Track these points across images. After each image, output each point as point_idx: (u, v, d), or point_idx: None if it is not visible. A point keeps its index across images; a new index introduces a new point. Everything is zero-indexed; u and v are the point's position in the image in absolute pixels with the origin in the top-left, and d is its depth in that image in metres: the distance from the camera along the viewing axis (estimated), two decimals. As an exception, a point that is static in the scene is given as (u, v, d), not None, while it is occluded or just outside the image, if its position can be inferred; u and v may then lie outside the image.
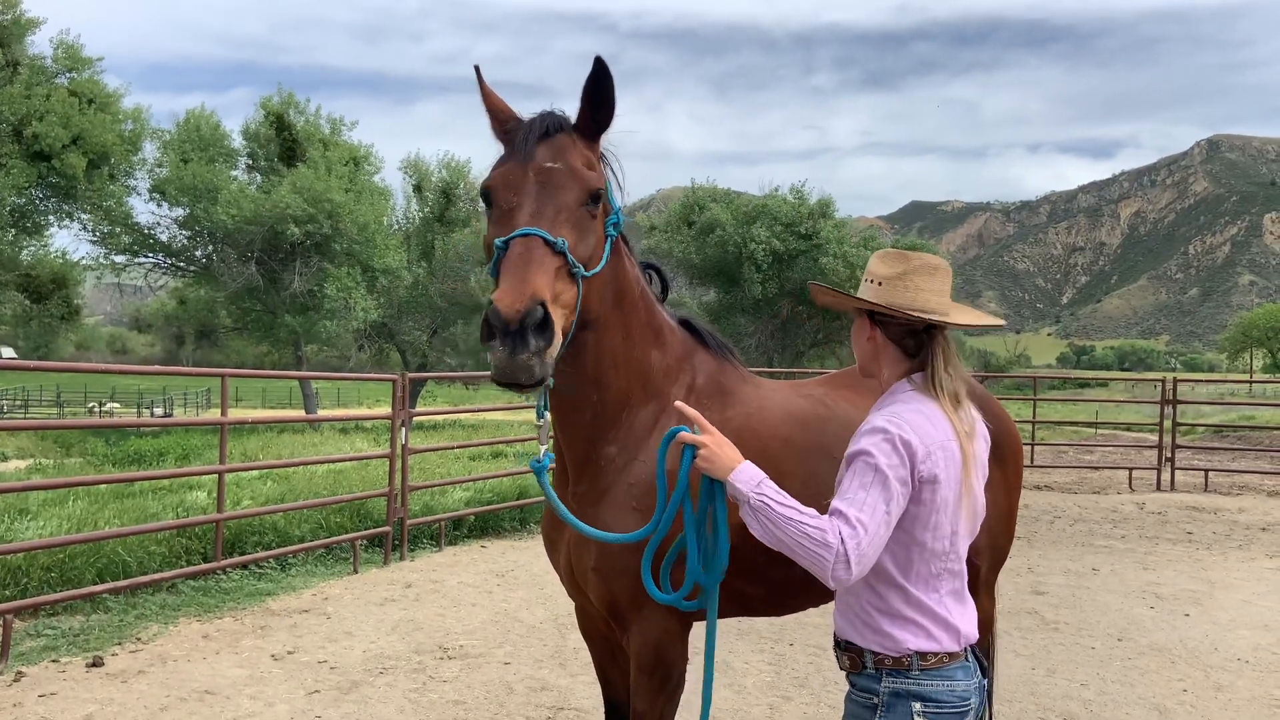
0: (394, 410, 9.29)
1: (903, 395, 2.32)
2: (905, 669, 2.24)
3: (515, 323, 2.19)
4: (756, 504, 2.17)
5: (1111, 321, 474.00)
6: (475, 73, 2.69)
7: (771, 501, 2.16)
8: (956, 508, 2.25)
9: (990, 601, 3.95)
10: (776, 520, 2.14)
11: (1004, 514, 3.79)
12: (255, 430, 24.07)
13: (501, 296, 2.23)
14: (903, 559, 2.25)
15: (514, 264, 2.31)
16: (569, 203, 2.47)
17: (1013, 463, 3.84)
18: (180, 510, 9.18)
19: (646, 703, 2.94)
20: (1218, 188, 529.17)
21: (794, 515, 2.14)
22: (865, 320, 2.41)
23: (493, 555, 9.45)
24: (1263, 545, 10.47)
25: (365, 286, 32.83)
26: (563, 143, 2.56)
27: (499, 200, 2.51)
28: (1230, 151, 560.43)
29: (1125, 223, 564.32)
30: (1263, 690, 5.75)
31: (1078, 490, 14.71)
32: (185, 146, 32.11)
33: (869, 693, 2.28)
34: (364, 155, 35.31)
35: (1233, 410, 29.65)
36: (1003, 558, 3.95)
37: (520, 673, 5.91)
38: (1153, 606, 7.75)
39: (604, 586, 2.92)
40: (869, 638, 2.28)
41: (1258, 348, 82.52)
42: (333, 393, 63.05)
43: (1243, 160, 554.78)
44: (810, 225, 35.88)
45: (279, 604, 7.41)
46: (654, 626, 2.91)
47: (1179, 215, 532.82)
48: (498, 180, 2.54)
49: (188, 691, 5.46)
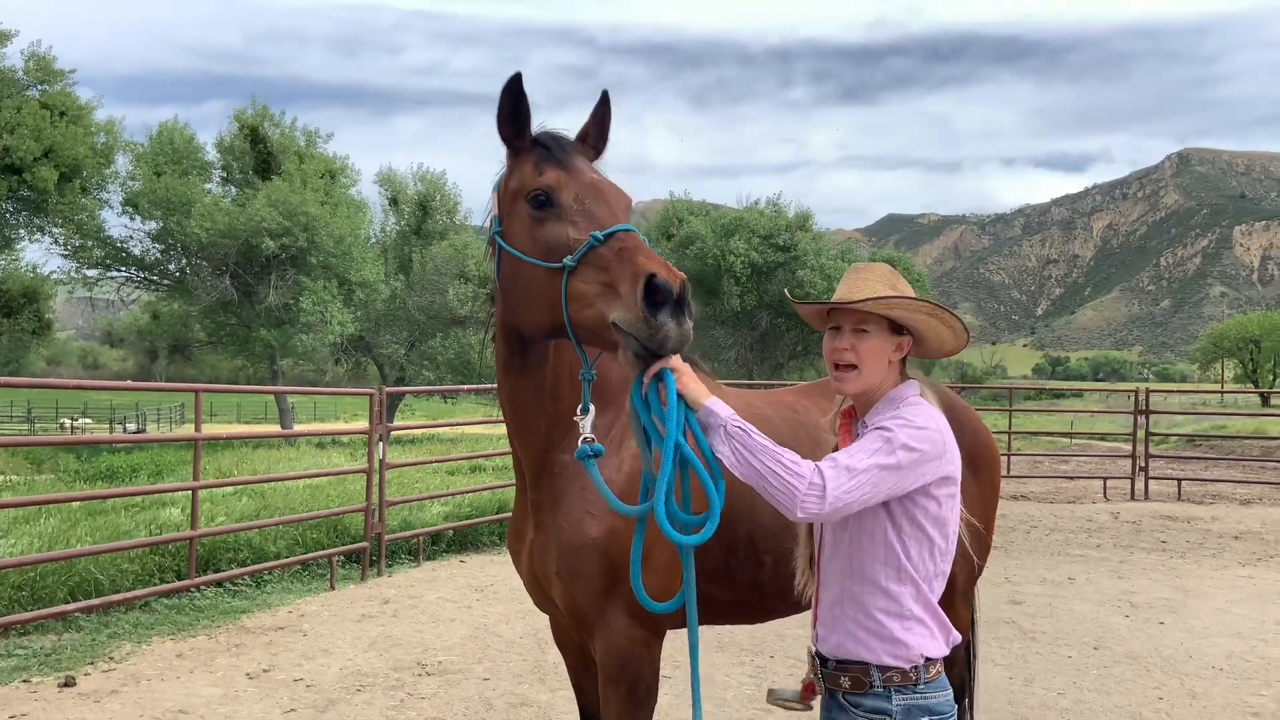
0: (371, 424, 9.24)
1: (914, 399, 2.36)
2: (914, 684, 2.26)
3: (679, 290, 2.27)
4: (733, 429, 2.20)
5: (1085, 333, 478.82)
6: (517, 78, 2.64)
7: (749, 429, 2.20)
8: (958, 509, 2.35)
9: (967, 610, 3.98)
10: (751, 446, 2.16)
11: (980, 521, 3.82)
12: (230, 446, 23.83)
13: (660, 268, 2.30)
14: (917, 554, 2.28)
15: (640, 250, 2.40)
16: (624, 210, 2.62)
17: (988, 473, 3.88)
18: (153, 527, 9.05)
19: (614, 713, 2.90)
20: (1188, 200, 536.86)
21: (770, 444, 2.17)
22: (895, 335, 2.39)
23: (471, 570, 9.39)
24: (1236, 553, 10.59)
25: (342, 300, 32.67)
26: (588, 159, 2.72)
27: (565, 200, 2.56)
28: (1200, 165, 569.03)
29: (1098, 235, 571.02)
30: (1237, 697, 5.80)
31: (1053, 500, 14.83)
32: (158, 159, 31.87)
33: (880, 713, 2.26)
34: (340, 168, 35.19)
35: (1205, 420, 29.99)
36: (981, 565, 3.98)
37: (499, 688, 5.87)
38: (1128, 615, 7.82)
39: (566, 591, 2.92)
40: (879, 649, 2.27)
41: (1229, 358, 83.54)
42: (309, 407, 62.56)
43: (1213, 173, 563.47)
44: (788, 238, 36.12)
45: (254, 621, 7.32)
46: (618, 633, 2.89)
47: (1150, 228, 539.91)
48: (557, 184, 2.59)
49: (161, 711, 5.39)
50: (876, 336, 2.35)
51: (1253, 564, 10.02)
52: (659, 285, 2.26)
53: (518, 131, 2.69)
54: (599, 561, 2.86)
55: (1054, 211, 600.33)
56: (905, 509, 2.27)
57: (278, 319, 31.79)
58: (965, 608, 3.95)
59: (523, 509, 3.13)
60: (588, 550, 2.84)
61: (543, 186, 2.59)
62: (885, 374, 2.38)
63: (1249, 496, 15.25)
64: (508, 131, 2.69)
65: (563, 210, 2.55)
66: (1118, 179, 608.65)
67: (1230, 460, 19.24)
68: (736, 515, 3.07)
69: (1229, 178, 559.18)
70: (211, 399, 65.52)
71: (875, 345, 2.34)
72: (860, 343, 2.35)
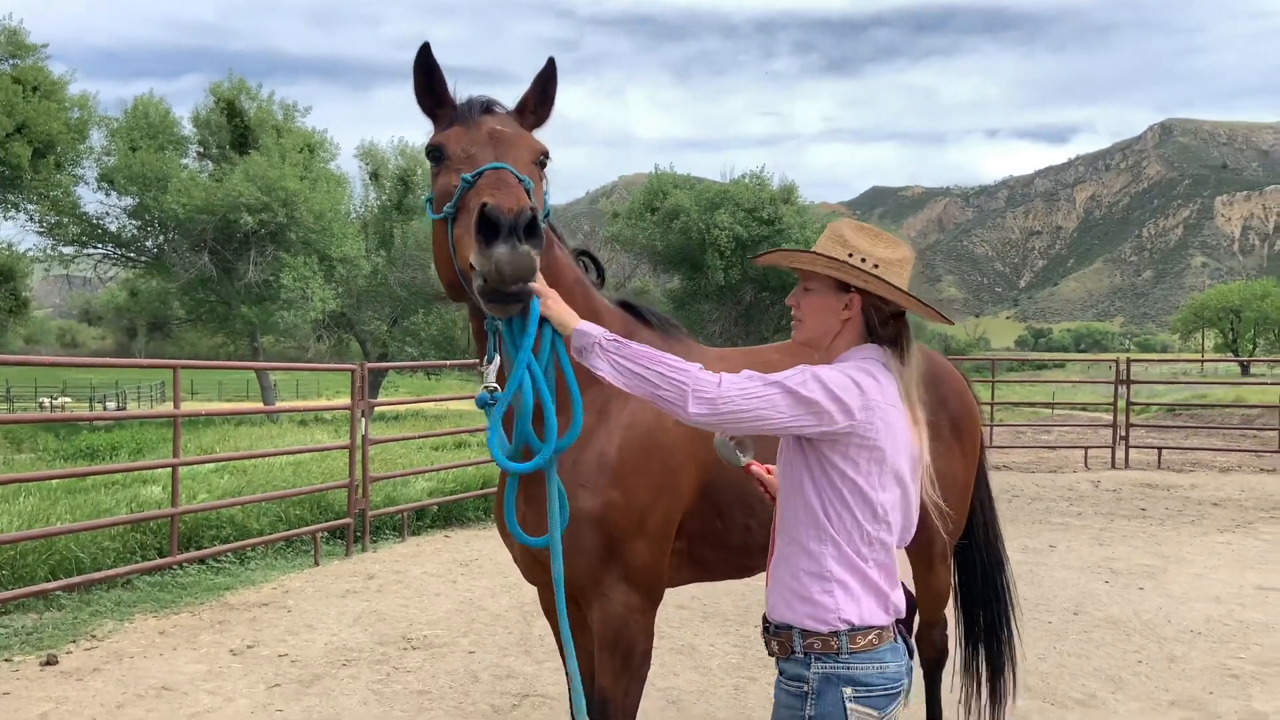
0: (353, 400, 9.19)
1: (860, 360, 2.29)
2: (834, 652, 2.19)
3: (514, 218, 2.19)
4: (608, 343, 2.20)
5: (1068, 304, 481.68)
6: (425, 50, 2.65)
7: (624, 340, 2.20)
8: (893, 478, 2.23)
9: (947, 572, 4.02)
10: (630, 354, 2.17)
11: (961, 486, 3.86)
12: (212, 423, 23.69)
13: (498, 198, 2.24)
14: (836, 515, 2.21)
15: (494, 183, 2.34)
16: (524, 158, 2.56)
17: (971, 439, 3.90)
18: (134, 505, 8.99)
19: (610, 679, 2.94)
20: (1170, 171, 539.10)
21: (651, 350, 2.18)
22: (851, 294, 2.31)
23: (456, 545, 9.39)
24: (1214, 520, 10.71)
25: (323, 276, 32.36)
26: (505, 117, 2.67)
27: (454, 151, 2.55)
28: (1182, 135, 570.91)
29: (1081, 207, 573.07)
30: (1214, 660, 5.88)
31: (1035, 469, 14.95)
32: (134, 134, 31.37)
33: (798, 680, 2.22)
34: (319, 142, 34.75)
35: (1185, 389, 30.27)
36: (959, 529, 4.02)
37: (485, 661, 5.88)
38: (1108, 581, 7.90)
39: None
40: (799, 610, 2.22)
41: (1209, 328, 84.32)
42: (291, 384, 62.31)
43: (1194, 144, 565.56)
44: (773, 211, 36.02)
45: (237, 598, 7.30)
46: (615, 602, 2.92)
47: (1133, 199, 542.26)
48: (450, 137, 2.58)
49: (145, 688, 5.37)
50: (819, 294, 2.35)
51: (1231, 530, 10.14)
52: (487, 214, 2.19)
53: (436, 100, 2.68)
54: (595, 533, 2.86)
55: (1037, 183, 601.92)
56: (820, 464, 2.22)
57: (258, 295, 31.48)
58: (945, 569, 3.98)
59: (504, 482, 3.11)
60: (583, 523, 2.84)
61: (436, 142, 2.60)
62: (835, 331, 2.34)
63: (1228, 464, 15.42)
64: (427, 103, 2.69)
65: (451, 161, 2.54)
66: (1101, 150, 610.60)
67: (1210, 429, 19.44)
68: (721, 477, 3.07)
69: (1211, 148, 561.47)
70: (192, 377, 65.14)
71: (816, 301, 2.35)
72: (804, 298, 2.37)
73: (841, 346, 2.35)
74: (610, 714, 2.96)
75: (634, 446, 2.94)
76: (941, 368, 3.91)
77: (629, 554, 2.89)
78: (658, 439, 3.00)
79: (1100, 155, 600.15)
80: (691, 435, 3.10)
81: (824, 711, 2.18)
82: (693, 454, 3.05)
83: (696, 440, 3.09)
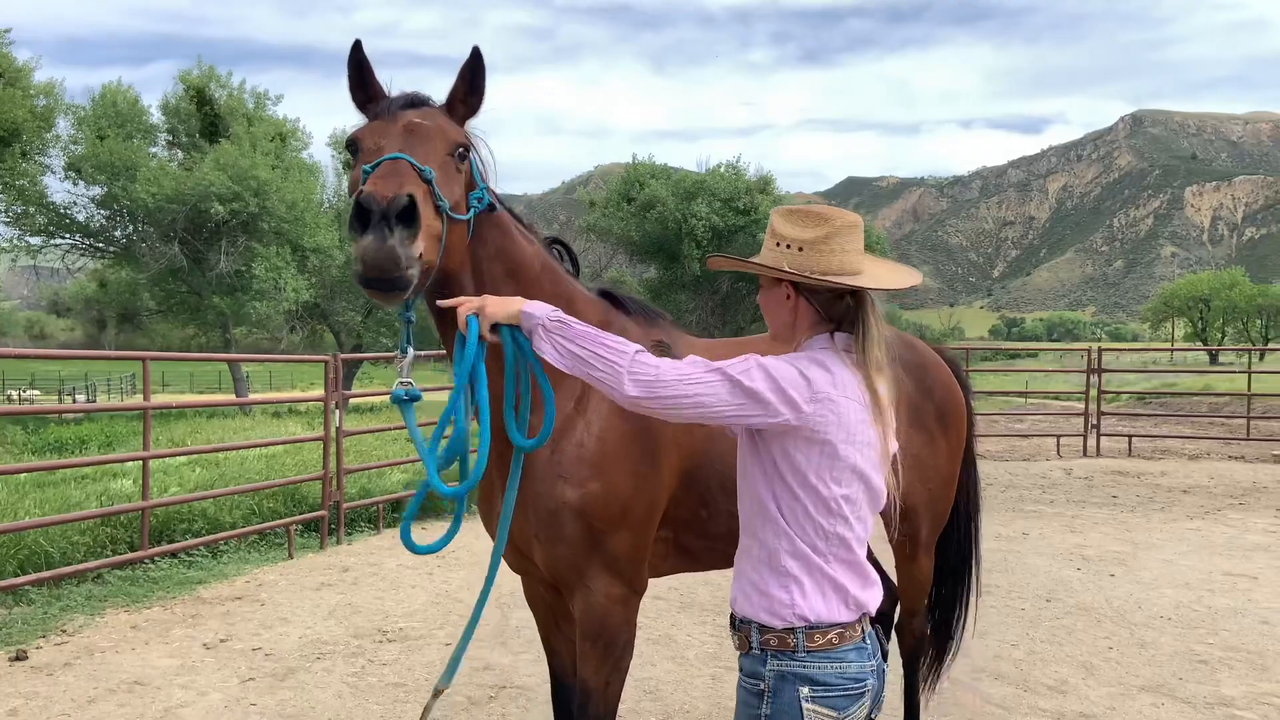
0: (327, 392, 9.10)
1: (813, 350, 2.24)
2: (790, 650, 2.13)
3: (384, 204, 2.17)
4: (552, 324, 2.18)
5: (1041, 294, 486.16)
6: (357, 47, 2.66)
7: (568, 320, 2.18)
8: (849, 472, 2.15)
9: (929, 561, 4.03)
10: (573, 335, 2.15)
11: (945, 478, 3.86)
12: (184, 416, 23.45)
13: (377, 186, 2.22)
14: (788, 509, 2.15)
15: (384, 173, 2.32)
16: (435, 149, 2.51)
17: (956, 430, 3.90)
18: (104, 499, 8.88)
19: (591, 670, 2.93)
20: (1141, 162, 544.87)
21: (594, 330, 2.16)
22: (785, 286, 2.27)
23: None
24: (1184, 507, 10.86)
25: (296, 266, 32.06)
26: (429, 110, 2.63)
27: (366, 145, 2.53)
28: (1153, 126, 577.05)
29: (1053, 197, 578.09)
30: (1184, 645, 5.96)
31: (1009, 458, 15.09)
32: (101, 122, 30.88)
33: (755, 677, 2.17)
34: (291, 131, 34.38)
35: (1155, 378, 30.66)
36: (943, 520, 4.02)
37: (461, 653, 5.85)
38: (1079, 568, 7.99)
39: (546, 554, 2.91)
40: (756, 603, 2.18)
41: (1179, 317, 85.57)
42: (264, 376, 61.75)
43: (1165, 135, 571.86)
44: (749, 201, 36.08)
45: (210, 592, 7.23)
46: (597, 593, 2.91)
47: (1104, 189, 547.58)
48: (365, 131, 2.57)
49: (116, 683, 5.31)
50: (766, 289, 2.33)
51: (1200, 517, 10.28)
52: (360, 202, 2.19)
53: (368, 96, 2.66)
54: (577, 524, 2.85)
55: (1010, 173, 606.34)
56: (771, 457, 2.17)
57: (229, 286, 31.14)
58: (927, 559, 3.99)
59: (490, 471, 3.07)
60: (565, 514, 2.83)
61: (352, 136, 2.59)
62: (791, 322, 2.30)
63: (1197, 452, 15.64)
64: (359, 98, 2.68)
65: (362, 155, 2.53)
66: (1073, 140, 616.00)
67: (1179, 417, 19.70)
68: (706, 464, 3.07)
69: (1181, 139, 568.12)
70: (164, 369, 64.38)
71: (766, 298, 2.33)
72: (760, 296, 2.37)
73: (799, 336, 2.30)
74: (591, 705, 2.95)
75: (614, 435, 2.91)
76: (927, 356, 3.90)
77: (611, 544, 2.88)
78: (638, 427, 2.97)
79: (1072, 146, 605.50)
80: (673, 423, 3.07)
81: (779, 710, 2.13)
82: (675, 441, 3.02)
83: (680, 427, 3.06)
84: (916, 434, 3.66)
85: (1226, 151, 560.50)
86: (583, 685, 2.95)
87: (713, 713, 4.96)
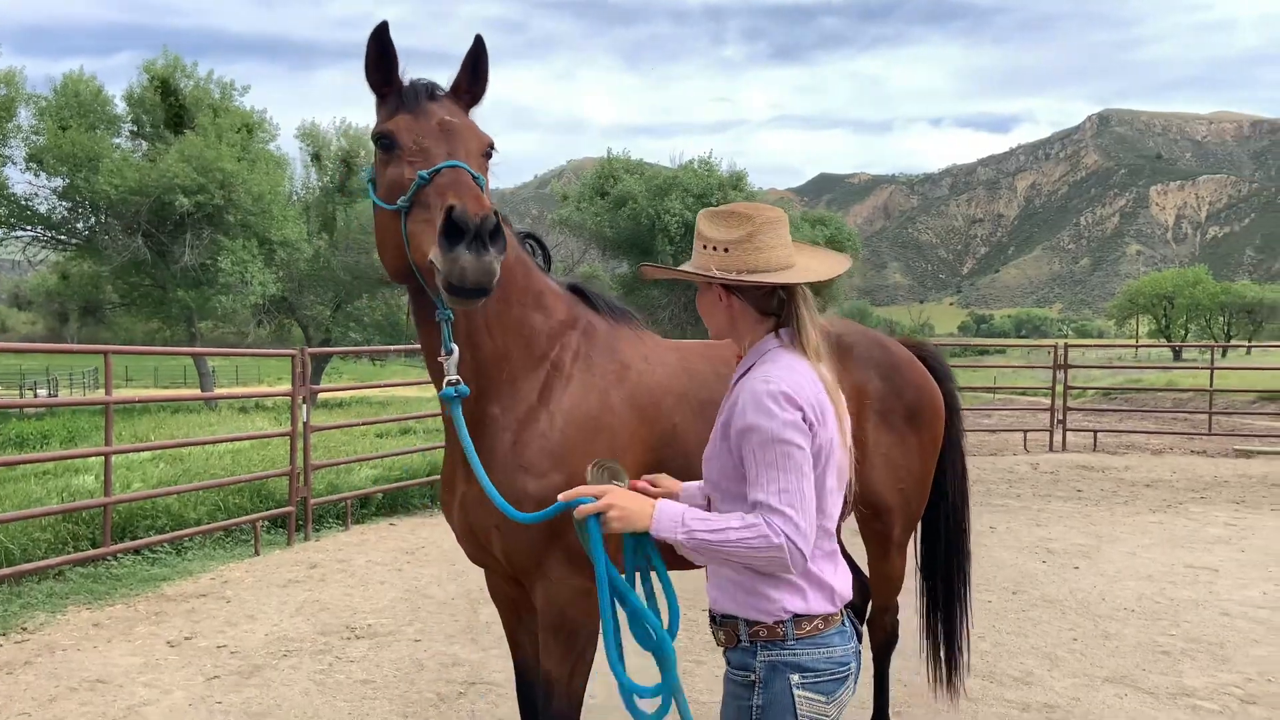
0: (294, 387, 9.00)
1: (771, 354, 2.25)
2: (780, 640, 2.16)
3: (479, 223, 2.27)
4: (691, 544, 2.10)
5: (1009, 291, 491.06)
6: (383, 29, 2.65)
7: (700, 532, 2.08)
8: (826, 464, 2.19)
9: (902, 560, 4.05)
10: (716, 546, 2.08)
11: (918, 476, 3.87)
12: (147, 410, 23.10)
13: (462, 199, 2.30)
14: None
15: (454, 185, 2.40)
16: (474, 150, 2.60)
17: (930, 429, 3.90)
18: (66, 495, 8.73)
19: (554, 662, 2.93)
20: (1107, 161, 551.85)
21: (729, 534, 2.07)
22: (716, 288, 2.29)
23: (402, 533, 9.28)
24: (1147, 500, 11.02)
25: (263, 259, 31.60)
26: (451, 105, 2.69)
27: (405, 142, 2.57)
28: (1119, 126, 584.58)
29: (1021, 195, 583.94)
30: (1147, 637, 6.05)
31: (976, 453, 15.22)
32: (63, 113, 30.24)
33: (745, 669, 2.20)
34: (258, 122, 33.85)
35: (1120, 374, 31.03)
36: (916, 518, 4.04)
37: (431, 649, 5.82)
38: (1045, 561, 8.08)
39: (507, 545, 2.90)
40: (744, 603, 2.19)
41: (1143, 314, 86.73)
42: (231, 371, 61.00)
43: (1131, 134, 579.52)
44: (722, 197, 36.08)
45: (174, 589, 7.13)
46: (559, 584, 2.90)
47: (1071, 188, 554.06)
48: (399, 126, 2.60)
49: (78, 681, 5.22)
50: (701, 293, 2.34)
51: (1163, 510, 10.44)
52: (454, 218, 2.26)
53: (385, 78, 2.69)
54: None
55: (980, 171, 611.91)
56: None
57: (195, 279, 30.64)
58: (900, 557, 4.02)
59: (453, 460, 3.10)
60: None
61: (385, 130, 2.61)
62: (730, 323, 2.31)
63: (1160, 446, 15.88)
64: (374, 79, 2.70)
65: (402, 152, 2.57)
66: (1041, 139, 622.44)
67: (1143, 412, 19.99)
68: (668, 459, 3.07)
69: (1146, 138, 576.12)
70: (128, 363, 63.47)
71: (702, 302, 2.34)
72: (697, 301, 2.37)
73: (747, 335, 2.31)
74: (555, 697, 2.94)
75: (577, 428, 2.92)
76: (899, 355, 3.89)
77: (572, 536, 2.87)
78: (601, 421, 2.98)
79: (1040, 145, 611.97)
80: (637, 417, 3.08)
81: (771, 699, 2.16)
82: (638, 435, 3.03)
83: (643, 422, 3.07)
84: (886, 434, 3.67)
85: (1191, 151, 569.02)
86: (546, 677, 2.95)
87: (682, 707, 4.96)
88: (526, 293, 2.99)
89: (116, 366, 7.48)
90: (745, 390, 2.18)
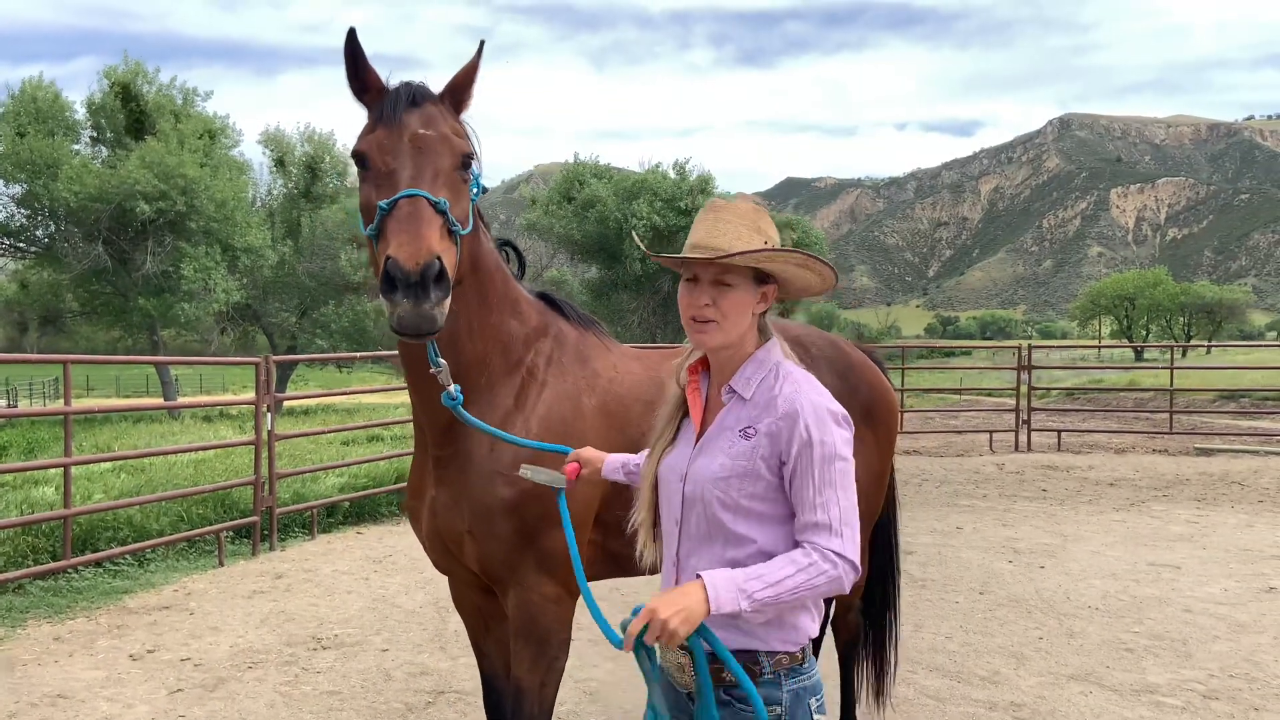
0: (258, 395, 8.90)
1: (783, 366, 2.16)
2: (801, 664, 2.08)
3: (417, 275, 2.26)
4: (756, 606, 1.93)
5: (974, 293, 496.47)
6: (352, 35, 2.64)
7: (760, 593, 1.91)
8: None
9: (864, 555, 4.07)
10: (780, 596, 1.93)
11: (876, 473, 3.90)
12: (109, 420, 22.71)
13: (400, 251, 2.29)
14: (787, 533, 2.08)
15: (405, 222, 2.36)
16: (445, 167, 2.55)
17: (885, 426, 3.94)
18: (25, 507, 8.56)
19: (525, 669, 2.92)
20: (1069, 164, 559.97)
21: (787, 584, 1.92)
22: (761, 288, 2.12)
23: (369, 541, 9.19)
24: (1110, 499, 11.18)
25: (226, 267, 31.21)
26: (431, 112, 2.63)
27: (375, 163, 2.54)
28: (1080, 129, 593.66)
29: (985, 198, 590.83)
30: (1111, 634, 6.13)
31: (943, 454, 15.37)
32: (21, 119, 29.69)
33: (772, 703, 2.02)
34: (220, 128, 33.43)
35: (1083, 374, 31.48)
36: (875, 515, 4.07)
37: (399, 659, 5.76)
38: (1011, 561, 8.17)
39: (479, 550, 2.89)
40: (773, 636, 2.05)
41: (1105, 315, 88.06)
42: (194, 380, 60.15)
43: (1091, 138, 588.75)
44: (690, 201, 36.16)
45: (137, 602, 7.01)
46: (531, 591, 2.90)
47: (1034, 191, 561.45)
48: (372, 145, 2.57)
49: (39, 696, 5.11)
50: (741, 289, 2.09)
51: (1126, 509, 10.60)
52: (388, 271, 2.28)
53: (364, 86, 2.67)
54: (511, 521, 2.85)
55: (944, 175, 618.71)
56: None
57: (157, 287, 30.17)
58: (863, 561, 4.03)
59: (422, 466, 3.09)
60: (499, 510, 2.83)
61: (358, 150, 2.60)
62: (748, 329, 2.13)
63: (1123, 446, 16.12)
64: (354, 87, 2.68)
65: (374, 173, 2.54)
66: (1004, 143, 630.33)
67: (1106, 412, 20.29)
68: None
69: (1106, 142, 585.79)
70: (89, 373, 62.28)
71: (739, 299, 2.09)
72: (723, 297, 2.08)
73: (750, 346, 2.16)
74: (526, 705, 2.93)
75: (549, 436, 2.94)
76: (853, 357, 3.94)
77: (545, 542, 2.88)
78: (573, 427, 3.01)
79: (1003, 148, 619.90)
80: (608, 423, 3.09)
81: None
82: (609, 442, 3.05)
83: (613, 428, 3.09)
84: None
85: (1150, 154, 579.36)
86: (517, 685, 2.93)
87: (653, 712, 4.95)
88: (505, 300, 3.01)
89: (78, 376, 7.33)
90: (803, 406, 2.04)
